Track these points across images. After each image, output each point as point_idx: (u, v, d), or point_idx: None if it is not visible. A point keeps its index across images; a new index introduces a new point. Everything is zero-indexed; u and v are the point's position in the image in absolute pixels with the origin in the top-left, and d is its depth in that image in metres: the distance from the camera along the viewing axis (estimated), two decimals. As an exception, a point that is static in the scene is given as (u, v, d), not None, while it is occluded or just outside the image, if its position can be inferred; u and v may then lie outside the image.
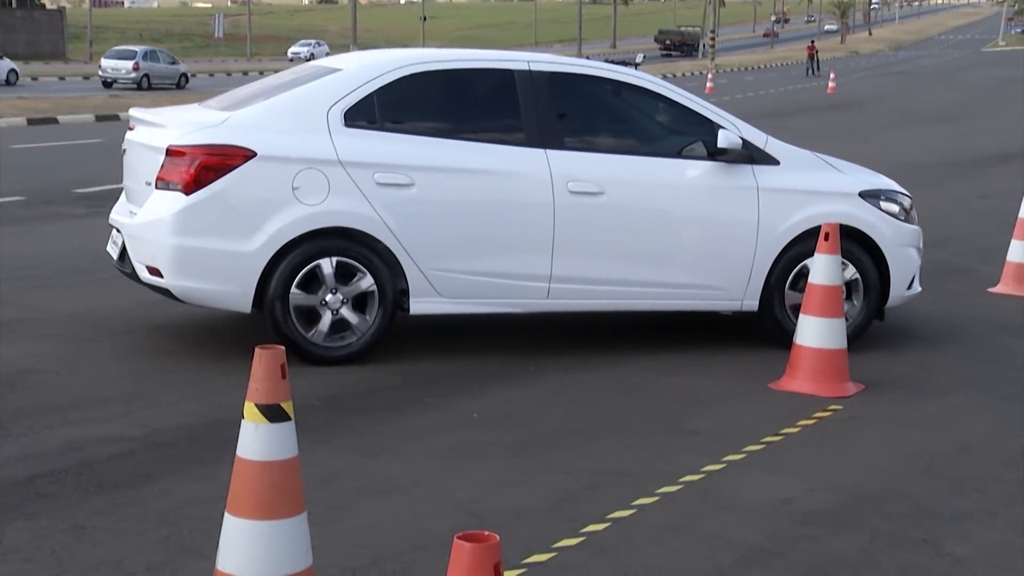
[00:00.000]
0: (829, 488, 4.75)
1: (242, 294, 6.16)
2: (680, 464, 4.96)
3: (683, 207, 6.68)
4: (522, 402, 5.86)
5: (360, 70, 6.56)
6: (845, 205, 6.87)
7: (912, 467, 5.05)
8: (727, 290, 6.77)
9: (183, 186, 6.07)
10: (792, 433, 5.44)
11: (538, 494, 4.58)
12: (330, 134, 6.27)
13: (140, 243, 6.30)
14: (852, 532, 4.31)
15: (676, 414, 5.72)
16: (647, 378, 6.34)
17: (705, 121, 6.77)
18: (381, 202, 6.24)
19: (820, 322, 6.07)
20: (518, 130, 6.58)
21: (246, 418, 3.15)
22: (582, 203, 6.49)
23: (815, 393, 6.01)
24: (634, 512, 4.42)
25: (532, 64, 6.69)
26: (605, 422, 5.57)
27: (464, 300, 6.47)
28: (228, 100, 6.93)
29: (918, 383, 6.35)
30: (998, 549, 4.20)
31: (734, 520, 4.39)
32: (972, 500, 4.67)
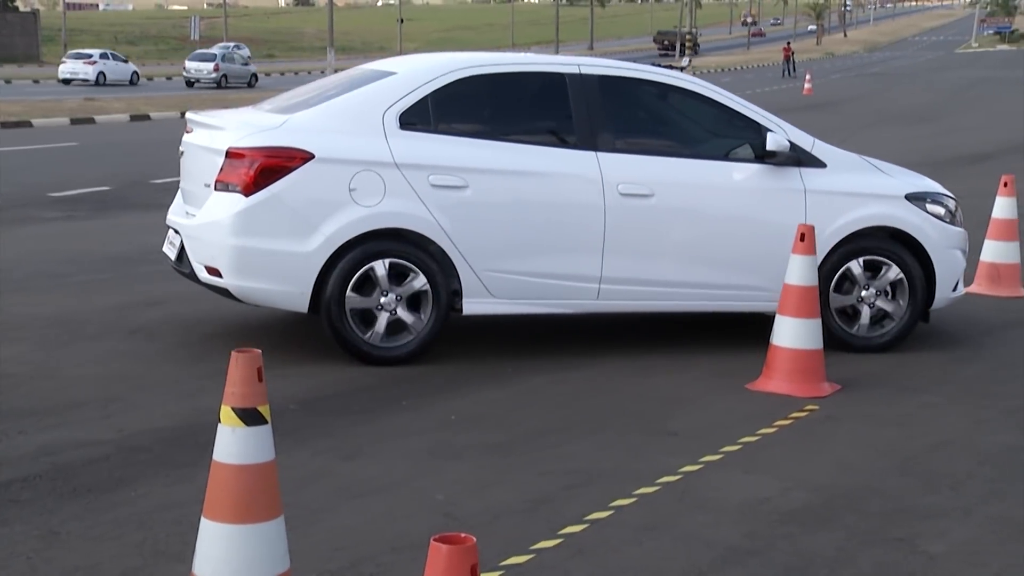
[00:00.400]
0: (806, 487, 4.77)
1: (299, 294, 6.24)
2: (657, 464, 4.97)
3: (731, 209, 6.75)
4: (499, 403, 5.86)
5: (414, 74, 6.65)
6: (891, 207, 6.93)
7: (887, 465, 5.08)
8: (774, 292, 6.68)
9: (243, 187, 6.17)
10: (769, 433, 5.46)
11: (515, 495, 4.58)
12: (386, 137, 6.36)
13: (199, 243, 6.39)
14: (828, 530, 4.33)
15: (653, 414, 5.74)
16: (624, 379, 6.35)
17: (752, 124, 6.84)
18: (435, 204, 6.33)
19: (796, 323, 6.09)
20: (569, 132, 6.67)
21: (222, 422, 3.14)
22: (632, 205, 6.58)
23: (792, 393, 6.03)
24: (612, 513, 4.43)
25: (583, 67, 6.78)
26: (582, 423, 5.58)
27: (515, 301, 6.55)
28: (281, 103, 7.01)
29: (893, 382, 6.38)
30: (972, 546, 4.22)
31: (711, 520, 4.40)
32: (946, 498, 4.70)
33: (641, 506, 4.52)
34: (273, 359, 6.24)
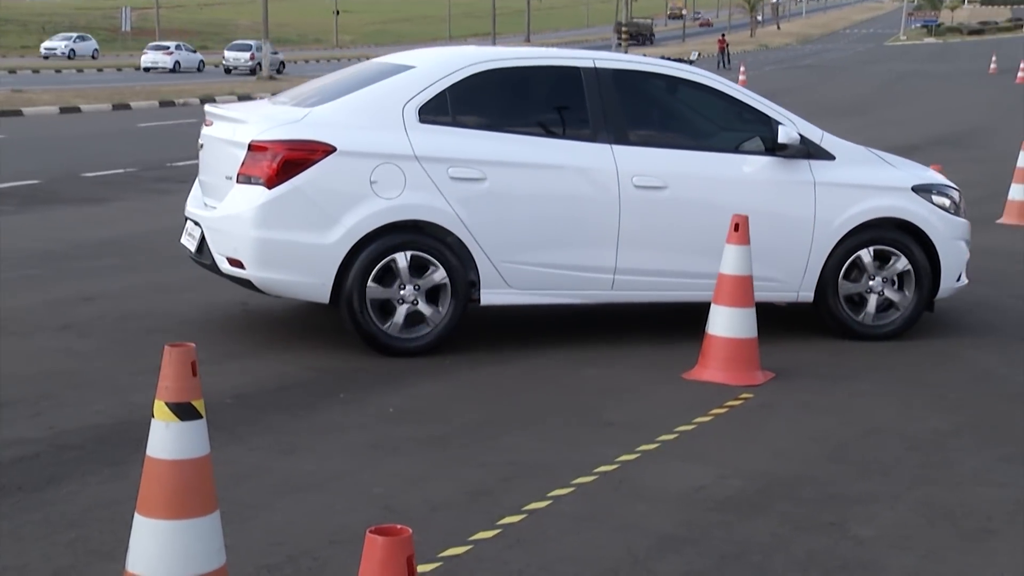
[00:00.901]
0: (741, 475, 4.83)
1: (321, 285, 6.32)
2: (595, 455, 5.01)
3: (743, 201, 6.78)
4: (437, 396, 5.86)
5: (433, 67, 6.72)
6: (899, 199, 7.05)
7: (820, 452, 5.16)
8: (784, 282, 6.94)
9: (265, 180, 6.23)
10: (705, 422, 5.52)
11: (454, 487, 4.59)
12: (405, 130, 6.43)
13: (221, 235, 6.44)
14: (763, 517, 4.39)
15: (591, 405, 5.77)
16: (562, 370, 6.38)
17: (763, 117, 6.96)
18: (455, 196, 6.40)
19: (731, 312, 6.16)
20: (584, 126, 6.76)
21: (156, 417, 3.11)
22: (646, 197, 6.68)
23: (727, 382, 6.10)
24: (550, 503, 4.46)
25: (597, 62, 6.88)
26: (521, 415, 5.60)
27: (532, 291, 6.65)
28: (298, 96, 7.03)
29: (826, 370, 6.48)
30: (900, 530, 4.31)
31: (648, 509, 4.44)
32: (876, 483, 4.78)
33: (579, 496, 4.55)
34: (210, 353, 6.21)
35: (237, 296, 7.87)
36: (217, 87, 34.36)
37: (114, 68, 52.31)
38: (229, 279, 6.57)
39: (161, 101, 27.82)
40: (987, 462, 5.05)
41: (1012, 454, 5.16)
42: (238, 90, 32.58)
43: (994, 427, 5.54)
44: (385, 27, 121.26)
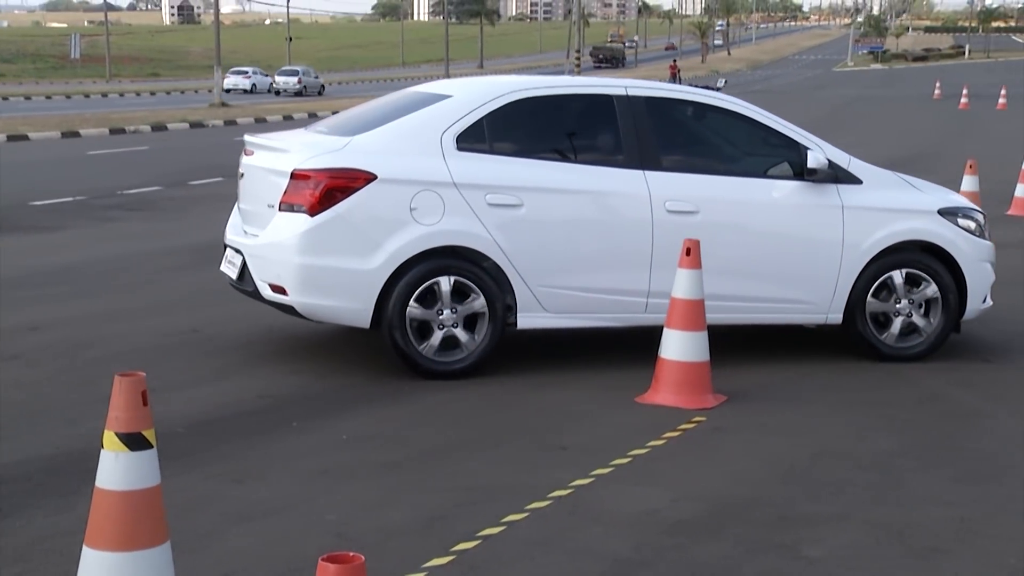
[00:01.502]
0: (694, 498, 4.86)
1: (363, 310, 6.44)
2: (549, 479, 5.01)
3: (772, 225, 6.99)
4: (392, 422, 5.85)
5: (470, 96, 6.88)
6: (925, 222, 7.18)
7: (772, 474, 5.20)
8: (814, 304, 7.06)
9: (308, 208, 6.36)
10: (658, 445, 5.55)
11: (408, 514, 4.58)
12: (444, 157, 6.58)
13: (264, 262, 6.57)
14: (715, 540, 4.42)
15: (545, 430, 5.78)
16: (516, 395, 6.39)
17: (791, 142, 7.08)
18: (493, 222, 6.55)
19: (683, 336, 6.20)
20: (618, 152, 6.90)
21: (106, 447, 3.08)
22: (679, 221, 6.79)
23: (680, 405, 6.13)
24: (504, 528, 4.46)
25: (630, 89, 7.04)
26: (475, 440, 5.60)
27: (568, 315, 6.78)
28: (335, 125, 7.19)
29: (778, 393, 6.54)
30: (850, 550, 4.35)
31: (602, 533, 4.46)
32: (827, 504, 4.83)
33: (533, 521, 4.56)
34: (162, 381, 6.17)
35: (189, 323, 7.83)
36: (168, 114, 34.15)
37: (63, 95, 51.80)
38: (271, 305, 6.68)
39: (111, 128, 27.59)
40: (935, 482, 5.12)
41: (959, 474, 5.23)
42: (190, 117, 32.40)
43: (942, 447, 5.62)
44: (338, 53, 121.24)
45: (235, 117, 33.03)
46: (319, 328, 7.66)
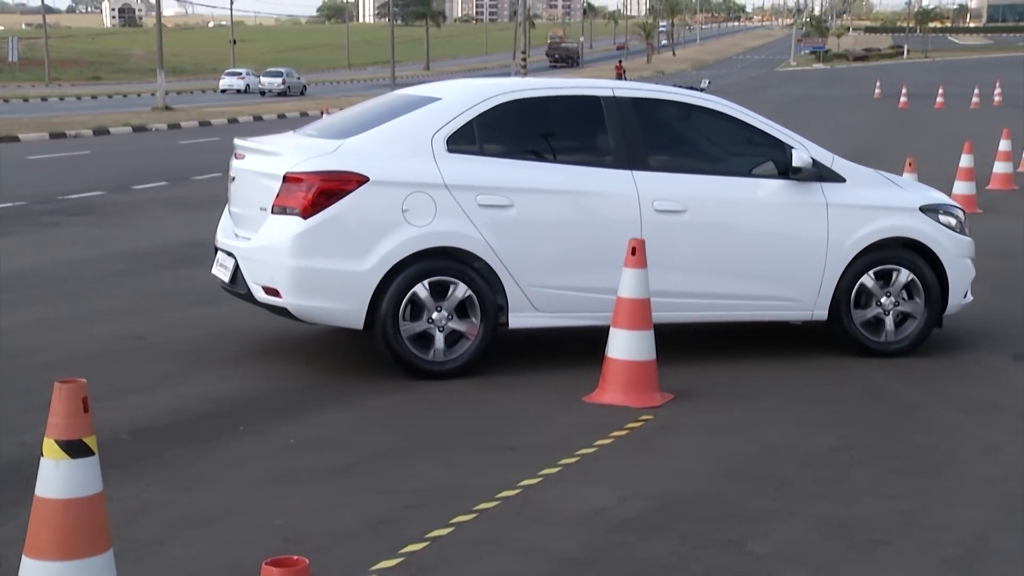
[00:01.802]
0: (641, 496, 4.89)
1: (356, 311, 6.49)
2: (497, 480, 5.02)
3: (759, 223, 7.10)
4: (339, 426, 5.83)
5: (459, 99, 6.95)
6: (908, 219, 7.31)
7: (718, 471, 5.25)
8: (800, 301, 7.18)
9: (301, 210, 6.41)
10: (605, 444, 5.58)
11: (356, 517, 4.57)
12: (435, 159, 6.64)
13: (257, 265, 6.60)
14: (662, 537, 4.45)
15: (493, 431, 5.79)
16: (463, 396, 6.39)
17: (776, 141, 7.19)
18: (483, 223, 6.61)
19: (629, 335, 6.24)
20: (606, 153, 6.98)
21: (45, 455, 3.05)
22: (666, 220, 6.90)
23: (627, 404, 6.17)
24: (452, 530, 4.46)
25: (616, 91, 7.13)
26: (423, 442, 5.60)
27: (558, 314, 6.85)
28: (324, 128, 7.24)
29: (724, 390, 6.59)
30: (795, 544, 4.40)
31: (550, 532, 4.47)
32: (772, 499, 4.88)
33: (481, 521, 4.57)
34: (107, 388, 6.11)
35: (135, 329, 7.75)
36: (111, 118, 33.72)
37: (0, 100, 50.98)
38: (264, 307, 6.71)
39: (52, 133, 27.20)
40: (877, 475, 5.19)
41: (900, 466, 5.31)
42: (132, 121, 32.03)
43: (884, 441, 5.70)
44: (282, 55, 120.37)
45: (179, 120, 32.71)
46: (267, 332, 7.62)
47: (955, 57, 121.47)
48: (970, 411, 6.22)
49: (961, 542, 4.42)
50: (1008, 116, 32.05)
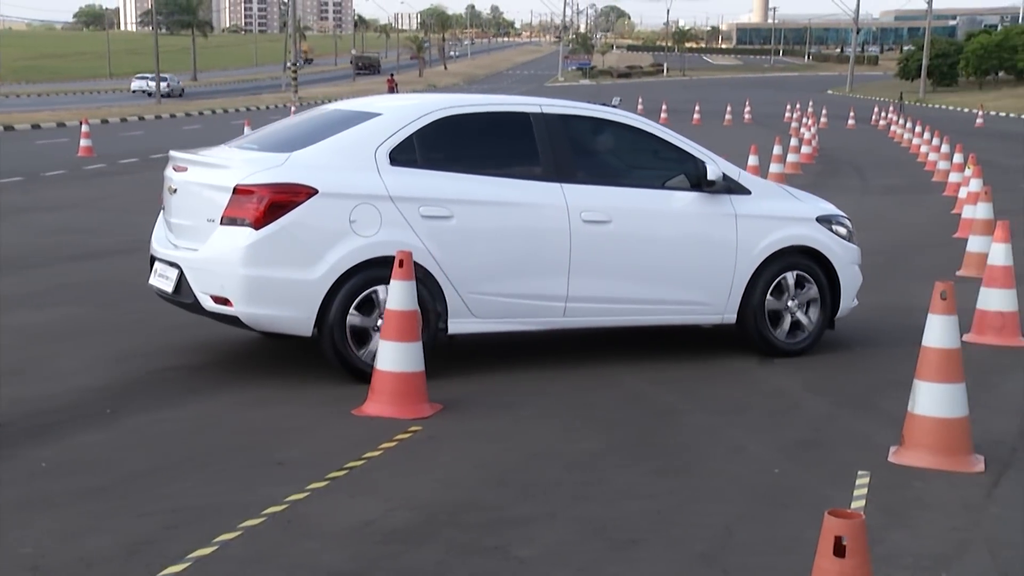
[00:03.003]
0: (408, 506, 4.93)
1: (305, 319, 6.69)
2: (264, 496, 4.96)
3: (675, 233, 7.53)
4: (98, 447, 5.61)
5: (399, 114, 7.21)
6: (807, 229, 7.87)
7: (485, 478, 5.34)
8: (712, 305, 7.65)
9: (252, 221, 6.58)
10: (374, 456, 5.59)
11: (112, 540, 4.41)
12: (379, 172, 6.88)
13: (205, 275, 6.73)
14: (429, 546, 4.50)
15: (261, 446, 5.71)
16: (231, 412, 6.27)
17: (688, 156, 7.63)
18: (426, 233, 6.88)
19: (398, 347, 6.26)
20: (536, 165, 7.30)
21: None
22: (593, 231, 7.27)
23: (396, 416, 6.19)
24: (216, 549, 4.37)
25: (544, 107, 7.47)
26: (186, 461, 5.45)
27: (494, 320, 7.15)
28: (263, 141, 7.36)
29: (492, 399, 6.71)
30: (558, 547, 4.53)
31: (317, 547, 4.45)
32: (537, 504, 5.01)
33: (246, 539, 4.49)
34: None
35: None
36: None
37: None
38: (211, 316, 6.83)
39: None
40: (636, 476, 5.40)
41: (658, 468, 5.55)
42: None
43: (642, 444, 5.93)
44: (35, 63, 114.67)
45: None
46: (9, 354, 7.27)
47: (710, 76, 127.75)
48: (720, 412, 6.55)
49: (710, 536, 4.66)
50: (756, 133, 33.99)
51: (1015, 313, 8.51)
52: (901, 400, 5.97)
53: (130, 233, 13.41)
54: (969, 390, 5.69)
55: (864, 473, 5.48)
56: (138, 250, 12.11)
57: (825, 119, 42.64)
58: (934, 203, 17.92)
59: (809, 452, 5.85)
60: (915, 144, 30.04)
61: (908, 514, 4.99)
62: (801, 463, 5.65)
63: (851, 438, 6.10)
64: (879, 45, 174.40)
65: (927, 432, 5.60)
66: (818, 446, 5.96)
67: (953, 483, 5.38)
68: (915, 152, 29.14)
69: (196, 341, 7.95)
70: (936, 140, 25.25)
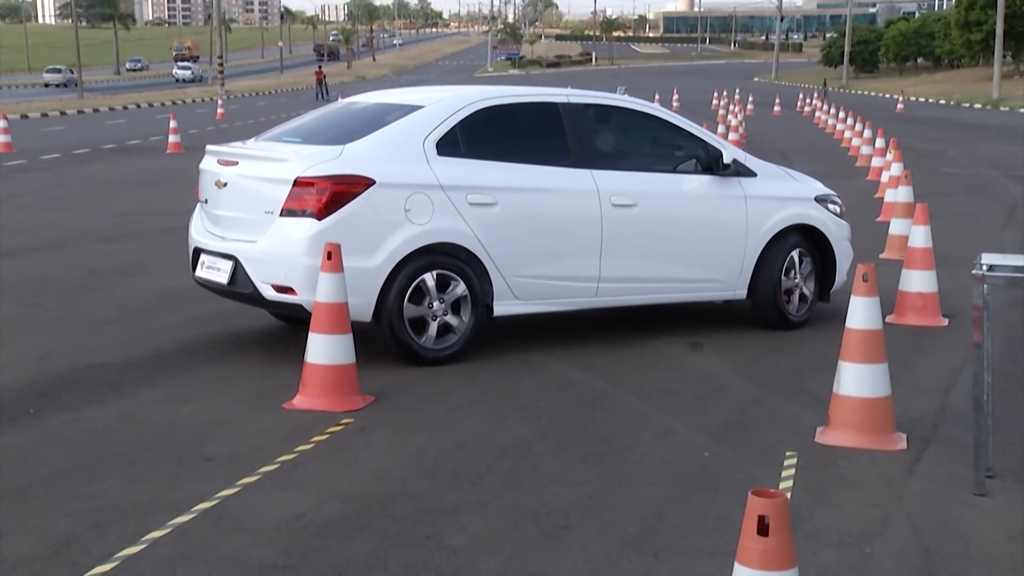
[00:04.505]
0: (340, 498, 4.91)
1: (366, 305, 6.93)
2: (193, 492, 4.91)
3: (693, 214, 7.98)
4: (16, 447, 5.51)
5: (441, 106, 7.48)
6: (807, 208, 8.40)
7: (416, 468, 5.33)
8: (724, 282, 8.13)
9: (316, 212, 6.84)
10: (306, 449, 5.56)
11: (36, 542, 4.34)
12: (428, 162, 7.17)
13: (267, 266, 6.95)
14: (361, 537, 4.49)
15: (189, 442, 5.64)
16: (158, 409, 6.20)
17: (701, 142, 8.11)
18: (474, 220, 7.19)
19: (328, 339, 6.23)
20: (567, 153, 7.66)
21: None
22: (621, 214, 7.67)
23: (327, 408, 6.16)
24: (144, 547, 4.32)
25: (570, 97, 7.86)
26: (112, 458, 5.38)
27: (534, 301, 7.49)
28: (305, 134, 7.58)
29: (422, 390, 6.69)
30: (489, 535, 4.54)
31: (248, 541, 4.41)
32: (468, 493, 5.01)
33: (175, 536, 4.45)
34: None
35: None
36: None
37: None
38: (270, 306, 7.13)
39: None
40: (566, 463, 5.43)
41: (588, 454, 5.58)
42: None
43: (572, 430, 5.96)
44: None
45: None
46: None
47: (638, 64, 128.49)
48: (649, 397, 6.60)
49: (640, 520, 4.70)
50: (686, 121, 34.16)
51: (935, 294, 8.69)
52: (827, 381, 6.08)
53: (50, 230, 13.20)
54: (891, 370, 5.80)
55: (792, 453, 5.57)
56: (58, 247, 11.95)
57: (752, 106, 43.14)
58: (858, 187, 18.22)
59: (737, 434, 5.92)
60: (839, 130, 30.54)
61: (834, 492, 5.08)
62: (730, 445, 5.73)
63: (778, 420, 6.19)
64: (803, 33, 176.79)
65: (851, 412, 5.71)
66: (746, 428, 6.04)
67: (877, 461, 5.49)
68: (839, 138, 29.60)
69: (119, 339, 7.84)
70: (859, 126, 25.66)
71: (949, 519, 4.78)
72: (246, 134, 31.71)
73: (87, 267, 10.80)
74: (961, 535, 4.62)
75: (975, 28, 65.75)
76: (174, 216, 14.42)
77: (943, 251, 10.02)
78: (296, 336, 7.09)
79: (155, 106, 49.37)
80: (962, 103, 52.11)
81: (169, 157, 24.16)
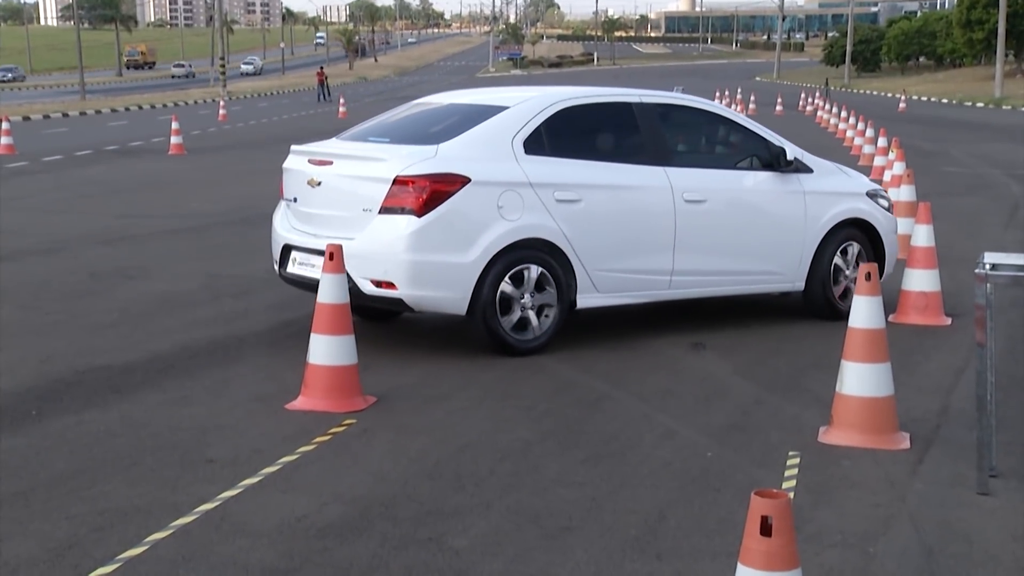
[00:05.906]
0: (342, 500, 4.90)
1: (461, 299, 7.21)
2: (195, 494, 4.90)
3: (758, 209, 8.29)
4: (19, 451, 5.50)
5: (526, 106, 7.75)
6: (860, 202, 8.71)
7: (418, 471, 5.33)
8: (784, 275, 8.43)
9: (416, 209, 7.07)
10: (308, 451, 5.55)
11: (39, 545, 4.34)
12: (517, 161, 7.44)
13: (367, 261, 7.14)
14: (363, 539, 4.48)
15: (191, 444, 5.64)
16: (160, 411, 6.19)
17: (762, 139, 8.39)
18: (560, 216, 7.47)
19: (330, 340, 6.23)
20: (641, 151, 7.97)
21: None
22: (693, 210, 7.96)
23: (330, 410, 6.16)
24: (146, 549, 4.32)
25: (642, 97, 8.16)
26: (115, 461, 5.38)
27: (614, 294, 7.78)
28: (392, 134, 7.82)
29: (425, 391, 6.69)
30: (491, 537, 4.53)
31: (249, 544, 4.41)
32: (470, 495, 5.01)
33: (178, 538, 4.44)
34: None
35: None
36: None
37: None
38: (368, 299, 7.25)
39: None
40: (568, 465, 5.42)
41: (590, 455, 5.57)
42: None
43: (574, 432, 5.95)
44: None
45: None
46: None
47: (640, 64, 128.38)
48: (650, 399, 6.59)
49: (643, 522, 4.69)
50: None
51: (938, 293, 8.69)
52: (829, 382, 6.07)
53: (51, 233, 13.19)
54: (894, 370, 5.80)
55: (794, 454, 5.56)
56: (59, 250, 11.94)
57: (754, 105, 43.10)
58: (860, 187, 18.15)
59: (739, 435, 5.92)
60: (841, 129, 30.52)
61: (836, 493, 5.07)
62: (732, 446, 5.72)
63: (780, 420, 6.19)
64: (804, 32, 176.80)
65: (854, 412, 5.70)
66: (748, 429, 6.04)
67: (879, 461, 5.48)
68: (841, 137, 29.57)
69: (120, 342, 7.84)
70: (861, 125, 25.64)
71: (952, 519, 4.78)
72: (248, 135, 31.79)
73: (88, 270, 10.79)
74: (964, 535, 4.61)
75: (977, 27, 65.76)
76: (176, 219, 14.43)
77: (945, 250, 10.01)
78: (297, 339, 7.09)
79: (157, 107, 49.39)
80: (964, 102, 52.06)
81: (171, 159, 24.17)
